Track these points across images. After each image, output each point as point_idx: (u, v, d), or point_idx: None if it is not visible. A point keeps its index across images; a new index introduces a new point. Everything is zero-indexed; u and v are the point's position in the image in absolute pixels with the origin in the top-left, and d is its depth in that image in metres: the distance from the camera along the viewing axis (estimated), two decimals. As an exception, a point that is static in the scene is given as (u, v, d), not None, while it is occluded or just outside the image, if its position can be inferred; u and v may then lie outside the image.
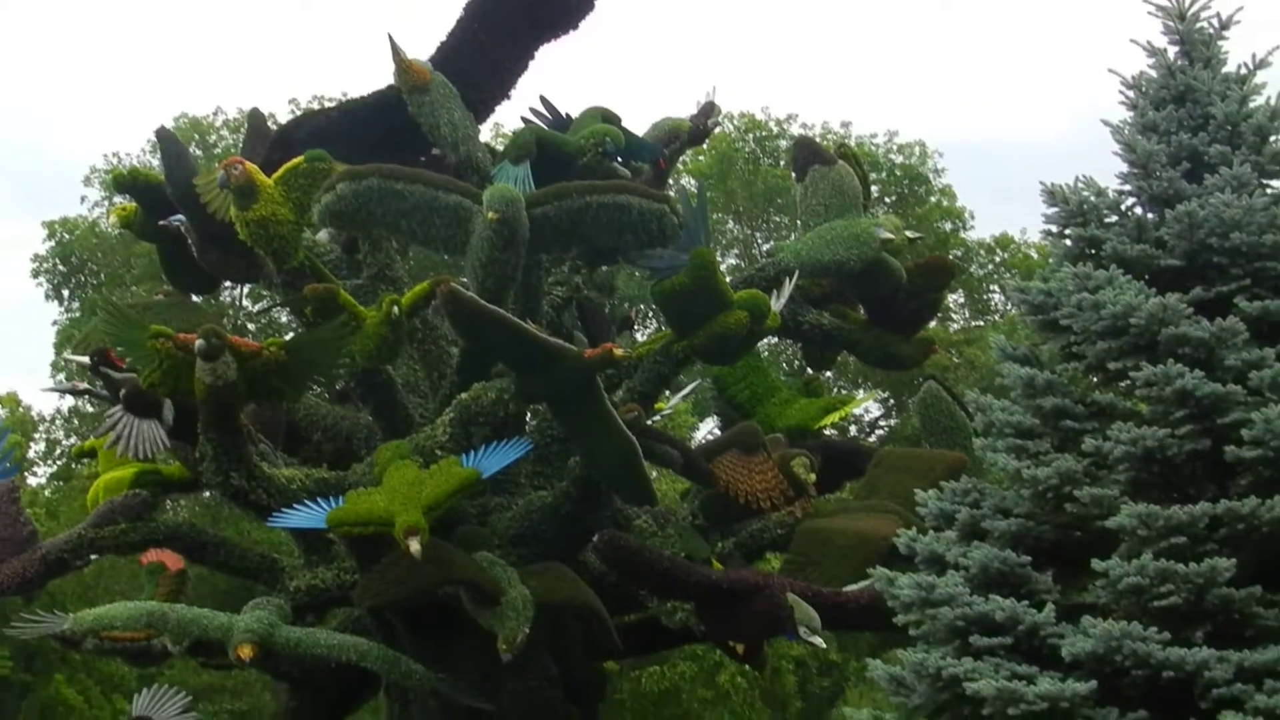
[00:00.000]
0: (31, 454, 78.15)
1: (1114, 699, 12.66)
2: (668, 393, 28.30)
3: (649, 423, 24.78)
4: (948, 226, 56.29)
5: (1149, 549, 12.85)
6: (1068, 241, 15.11)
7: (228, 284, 38.71)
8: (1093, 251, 14.71)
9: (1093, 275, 14.23)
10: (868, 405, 53.56)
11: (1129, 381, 14.02)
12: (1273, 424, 12.93)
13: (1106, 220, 14.98)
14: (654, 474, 29.61)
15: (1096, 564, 13.06)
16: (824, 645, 21.67)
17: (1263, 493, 13.00)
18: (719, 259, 40.87)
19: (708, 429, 45.67)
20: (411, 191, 23.20)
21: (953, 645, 13.42)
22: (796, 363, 50.38)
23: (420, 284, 24.18)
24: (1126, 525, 12.97)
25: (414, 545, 19.98)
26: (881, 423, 56.24)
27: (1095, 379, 14.91)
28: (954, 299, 56.08)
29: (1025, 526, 13.95)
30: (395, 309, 22.62)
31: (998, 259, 57.21)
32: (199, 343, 20.90)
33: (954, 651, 13.32)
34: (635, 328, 34.09)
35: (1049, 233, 15.43)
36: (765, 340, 35.75)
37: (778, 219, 56.61)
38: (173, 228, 26.45)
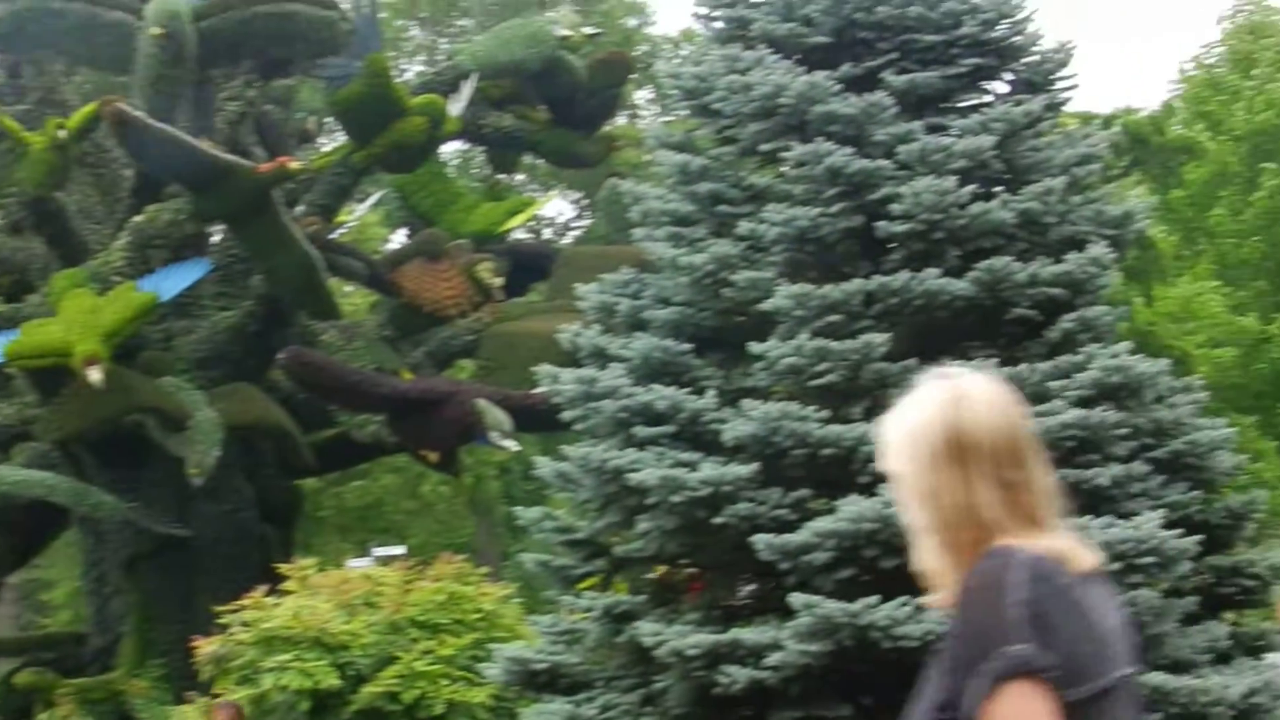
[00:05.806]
0: None
1: (776, 479, 12.87)
2: (356, 205, 28.10)
3: (332, 236, 24.68)
4: (632, 22, 56.24)
5: (805, 329, 13.02)
6: (718, 24, 15.06)
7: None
8: (742, 33, 14.66)
9: (742, 57, 14.15)
10: (561, 208, 53.77)
11: (784, 164, 14.10)
12: (920, 197, 13.10)
13: (754, 0, 14.89)
14: (348, 288, 29.49)
15: (755, 346, 13.19)
16: (517, 448, 21.94)
17: (914, 266, 13.22)
18: (404, 68, 40.58)
19: (401, 240, 45.37)
20: (70, 9, 22.64)
21: (617, 437, 13.49)
22: (487, 170, 50.16)
23: (88, 105, 23.59)
24: (783, 306, 13.11)
25: (94, 374, 19.70)
26: (575, 224, 56.43)
27: (751, 162, 14.96)
28: (643, 96, 56.26)
29: (685, 314, 13.99)
30: (61, 133, 22.06)
31: (684, 53, 57.19)
32: None
33: (618, 443, 13.38)
34: (319, 140, 33.58)
35: (698, 15, 15.33)
36: (451, 147, 35.67)
37: (463, 23, 55.94)
38: None
